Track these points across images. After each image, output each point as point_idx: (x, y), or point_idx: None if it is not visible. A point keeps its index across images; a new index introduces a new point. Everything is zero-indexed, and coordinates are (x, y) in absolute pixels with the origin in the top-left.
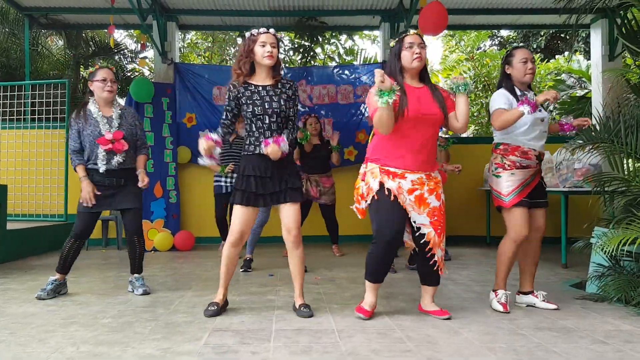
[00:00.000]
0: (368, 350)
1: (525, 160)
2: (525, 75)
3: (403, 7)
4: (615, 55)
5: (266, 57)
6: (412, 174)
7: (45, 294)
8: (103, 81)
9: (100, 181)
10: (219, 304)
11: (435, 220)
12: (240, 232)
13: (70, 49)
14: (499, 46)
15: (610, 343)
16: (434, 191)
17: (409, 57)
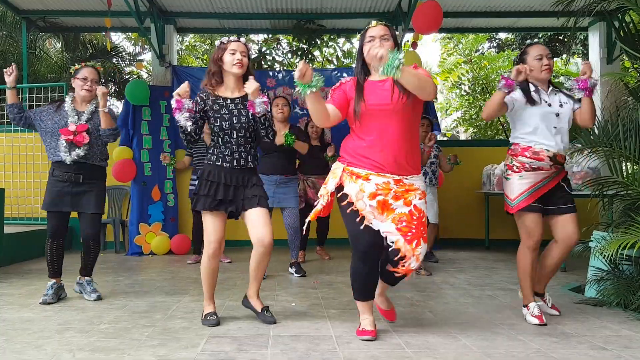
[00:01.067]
0: (366, 357)
1: (536, 161)
2: (541, 72)
3: (401, 9)
4: (613, 59)
5: (235, 64)
6: (377, 177)
7: (50, 297)
8: (84, 80)
9: (60, 176)
10: (216, 313)
11: (404, 227)
12: (217, 241)
13: (67, 52)
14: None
15: (610, 349)
16: (402, 197)
17: (367, 52)
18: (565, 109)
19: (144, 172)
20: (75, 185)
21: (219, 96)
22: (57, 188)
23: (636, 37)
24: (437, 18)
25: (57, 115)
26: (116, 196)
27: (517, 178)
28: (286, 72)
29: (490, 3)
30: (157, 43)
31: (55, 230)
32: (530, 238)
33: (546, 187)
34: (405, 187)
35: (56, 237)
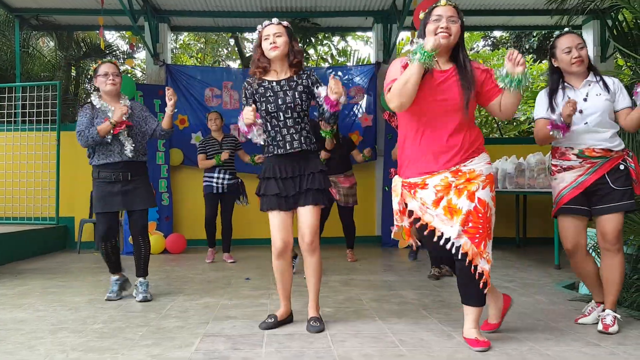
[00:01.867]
0: (361, 355)
1: (565, 161)
2: (571, 65)
3: (396, 8)
4: (607, 57)
5: (270, 49)
6: (433, 178)
7: (115, 295)
8: (105, 75)
9: (107, 177)
10: (276, 316)
11: (471, 228)
12: (282, 240)
13: (61, 50)
14: (491, 47)
15: (603, 345)
16: (464, 191)
17: (432, 31)
18: (592, 102)
19: None
20: (125, 184)
21: (264, 79)
22: (107, 189)
23: (629, 35)
24: None
25: (97, 118)
26: None
27: (553, 181)
28: None
29: (485, 1)
30: (151, 41)
31: (107, 231)
32: (564, 243)
33: (587, 182)
34: (466, 177)
35: (109, 239)
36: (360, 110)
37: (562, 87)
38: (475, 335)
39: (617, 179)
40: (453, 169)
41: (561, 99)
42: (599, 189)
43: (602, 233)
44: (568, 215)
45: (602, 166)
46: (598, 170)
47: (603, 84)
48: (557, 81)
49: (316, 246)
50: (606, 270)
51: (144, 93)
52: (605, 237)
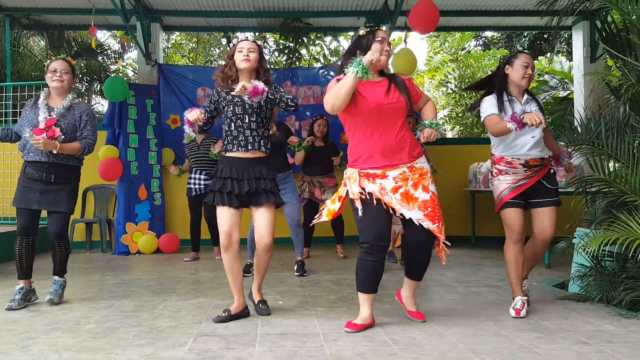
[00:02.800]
0: (353, 354)
1: (511, 169)
2: (522, 78)
3: (388, 8)
4: (596, 57)
5: (242, 60)
6: (392, 171)
7: (16, 304)
8: (53, 72)
9: (31, 174)
10: (230, 310)
11: (430, 212)
12: (226, 233)
13: (52, 49)
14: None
15: (592, 344)
16: (419, 184)
17: (377, 50)
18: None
19: (131, 171)
20: (47, 184)
21: (233, 88)
22: (28, 185)
23: (617, 36)
24: (434, 17)
25: (32, 113)
26: (102, 195)
27: (496, 180)
28: (273, 71)
29: (476, 2)
30: (143, 41)
31: (24, 227)
32: (511, 231)
33: (527, 184)
34: (419, 172)
35: (25, 235)
36: None
37: (508, 99)
38: (415, 306)
39: (550, 180)
40: (409, 165)
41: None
42: (537, 188)
43: (541, 226)
44: (514, 207)
45: (539, 173)
46: (535, 176)
47: (536, 102)
48: (501, 89)
49: (272, 247)
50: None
51: (135, 93)
52: (545, 230)
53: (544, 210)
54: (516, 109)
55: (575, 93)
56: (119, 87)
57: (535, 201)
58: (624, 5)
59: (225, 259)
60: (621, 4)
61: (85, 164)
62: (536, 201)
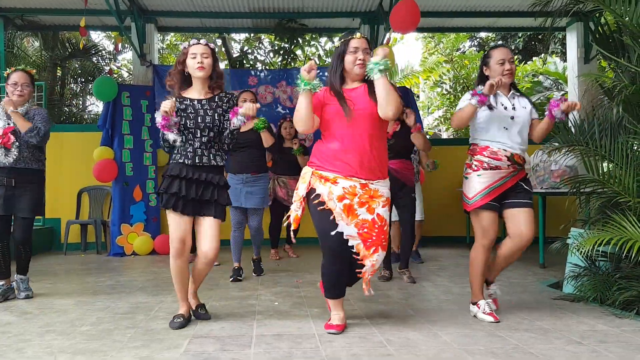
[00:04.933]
0: (349, 355)
1: (494, 160)
2: (502, 76)
3: (382, 9)
4: (590, 58)
5: (197, 68)
6: (344, 180)
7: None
8: (14, 85)
9: None
10: (184, 315)
11: (365, 232)
12: (177, 240)
13: (46, 50)
14: (477, 47)
15: (586, 343)
16: (366, 204)
17: (351, 62)
18: (521, 113)
19: (126, 172)
20: (9, 189)
21: (185, 97)
22: None
23: (611, 38)
24: (415, 17)
25: None
26: (97, 197)
27: (475, 176)
28: (268, 72)
29: (470, 3)
30: (137, 42)
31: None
32: (485, 237)
33: (504, 187)
34: (370, 194)
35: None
36: None
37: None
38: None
39: (525, 181)
40: (363, 182)
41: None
42: (513, 189)
43: (518, 229)
44: (491, 211)
45: (518, 174)
46: (516, 176)
47: (525, 99)
48: None
49: (214, 261)
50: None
51: (130, 94)
52: (523, 233)
53: (519, 211)
54: (501, 102)
55: (569, 94)
56: (107, 86)
57: (510, 202)
58: (616, 7)
59: (176, 266)
60: (614, 5)
61: (80, 165)
62: (510, 201)
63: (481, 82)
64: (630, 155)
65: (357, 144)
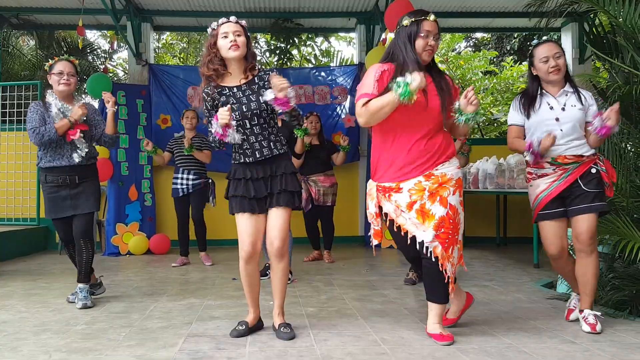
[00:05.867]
0: (343, 354)
1: (539, 169)
2: (548, 74)
3: (378, 9)
4: (585, 59)
5: (231, 48)
6: (407, 182)
7: (90, 302)
8: (59, 74)
9: (54, 181)
10: (247, 322)
11: (442, 233)
12: (250, 244)
13: (42, 49)
14: (473, 48)
15: (579, 343)
16: (437, 195)
17: (421, 47)
18: (569, 112)
19: (121, 172)
20: (73, 187)
21: (224, 87)
22: (56, 194)
23: (605, 39)
24: None
25: (49, 117)
26: None
27: (529, 187)
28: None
29: (466, 3)
30: (133, 41)
31: (63, 236)
32: (547, 249)
33: (560, 187)
34: (438, 180)
35: (70, 242)
36: (343, 110)
37: (540, 93)
38: (439, 330)
39: (589, 182)
40: (426, 173)
41: (539, 106)
42: (573, 192)
43: (576, 234)
44: (548, 220)
45: (574, 171)
46: (570, 175)
47: (578, 95)
48: (536, 89)
49: (285, 251)
50: (580, 271)
51: (126, 93)
52: (579, 237)
53: (578, 217)
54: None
55: None
56: (102, 83)
57: (571, 208)
58: (610, 8)
59: (247, 270)
60: (608, 6)
61: None
62: (571, 208)
63: (532, 83)
64: (623, 156)
65: (417, 141)
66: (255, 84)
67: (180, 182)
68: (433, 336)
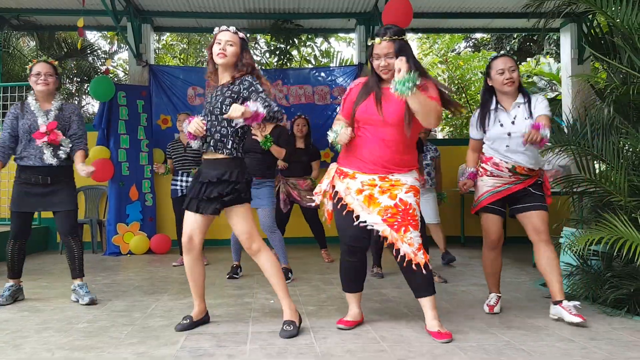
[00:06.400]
0: (343, 351)
1: (496, 170)
2: (503, 85)
3: (378, 10)
4: (584, 59)
5: (218, 55)
6: (362, 175)
7: (4, 299)
8: (37, 75)
9: (27, 179)
10: (191, 317)
11: (390, 218)
12: (187, 235)
13: (42, 50)
14: (473, 48)
15: (576, 340)
16: (387, 192)
17: (376, 68)
18: (518, 126)
19: (122, 172)
20: (45, 187)
21: (217, 86)
22: (25, 189)
23: (602, 40)
24: (407, 14)
25: (24, 118)
26: (93, 196)
27: (480, 181)
28: (264, 71)
29: (465, 4)
30: (133, 42)
31: (18, 230)
32: (487, 237)
33: (508, 191)
34: (391, 183)
35: (19, 238)
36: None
37: (495, 108)
38: (437, 328)
39: (536, 188)
40: (382, 175)
41: (492, 122)
42: (520, 195)
43: (534, 227)
44: (492, 214)
45: (525, 181)
46: (522, 183)
47: (529, 106)
48: (489, 101)
49: (257, 248)
50: (543, 261)
51: (127, 93)
52: (538, 229)
53: (531, 213)
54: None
55: (563, 94)
56: (105, 87)
57: (521, 206)
58: (607, 9)
59: (188, 261)
60: (605, 7)
61: None
62: (522, 206)
63: (486, 93)
64: (621, 155)
65: (376, 145)
66: (226, 87)
67: (179, 184)
68: (432, 334)
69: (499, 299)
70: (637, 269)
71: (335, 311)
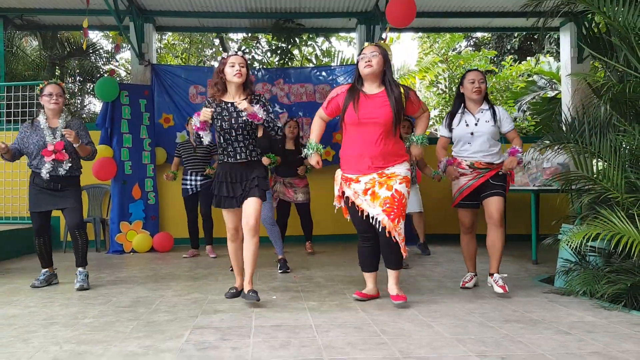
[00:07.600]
0: (344, 344)
1: (461, 169)
2: (472, 92)
3: (378, 9)
4: (583, 58)
5: (235, 75)
6: (364, 177)
7: (39, 282)
8: (49, 95)
9: (41, 183)
10: (237, 288)
11: (387, 207)
12: (232, 229)
13: (45, 50)
14: (473, 47)
15: (573, 333)
16: (384, 184)
17: (361, 66)
18: (482, 128)
19: (125, 171)
20: (55, 191)
21: (222, 101)
22: (39, 191)
23: (600, 39)
24: (411, 11)
25: (35, 135)
26: (96, 195)
27: (454, 181)
28: (266, 70)
29: (465, 3)
30: (136, 41)
31: (39, 227)
32: (462, 225)
33: (474, 185)
34: (387, 175)
35: (41, 234)
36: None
37: (462, 112)
38: (396, 291)
39: (496, 178)
40: (379, 172)
41: (458, 122)
42: (484, 186)
43: (489, 212)
44: (463, 208)
45: (486, 174)
46: (483, 177)
47: (492, 112)
48: (459, 105)
49: (257, 231)
50: (490, 241)
51: (129, 93)
52: (491, 215)
53: (488, 200)
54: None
55: (562, 93)
56: (109, 87)
57: (482, 195)
58: (605, 8)
59: (231, 247)
60: (602, 6)
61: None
62: (482, 195)
63: (458, 98)
64: (618, 153)
65: (366, 147)
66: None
67: (190, 183)
68: (391, 297)
69: (473, 277)
70: (634, 264)
71: (337, 306)
